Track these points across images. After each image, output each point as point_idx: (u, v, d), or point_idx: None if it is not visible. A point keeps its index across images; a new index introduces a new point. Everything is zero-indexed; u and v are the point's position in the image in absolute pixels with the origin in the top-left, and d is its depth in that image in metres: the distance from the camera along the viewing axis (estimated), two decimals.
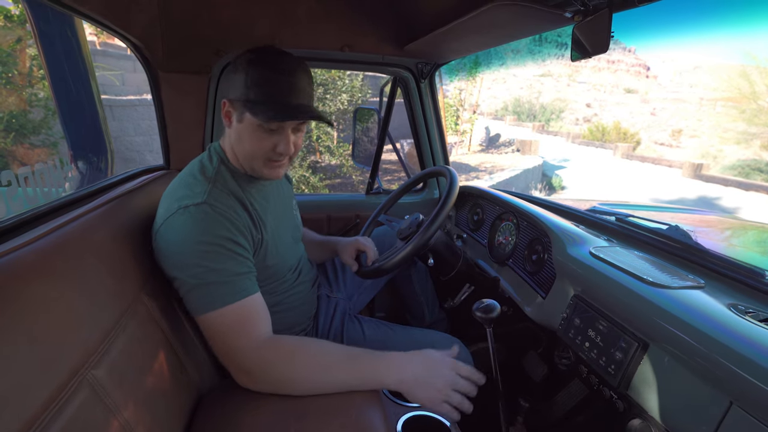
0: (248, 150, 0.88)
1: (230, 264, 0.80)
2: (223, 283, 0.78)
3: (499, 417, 0.97)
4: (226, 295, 0.78)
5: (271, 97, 0.83)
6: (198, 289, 0.78)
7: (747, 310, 0.71)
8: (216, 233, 0.79)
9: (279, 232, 1.00)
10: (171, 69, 1.34)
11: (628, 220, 1.18)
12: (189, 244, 0.78)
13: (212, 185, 0.85)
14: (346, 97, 6.67)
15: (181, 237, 0.78)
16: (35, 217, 0.87)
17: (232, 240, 0.81)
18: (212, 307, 0.77)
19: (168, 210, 0.82)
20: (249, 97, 0.83)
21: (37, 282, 0.55)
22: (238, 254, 0.82)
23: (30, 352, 0.49)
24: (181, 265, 0.78)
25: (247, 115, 0.84)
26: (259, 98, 0.82)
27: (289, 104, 0.84)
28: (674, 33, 30.79)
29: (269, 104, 0.82)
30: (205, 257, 0.78)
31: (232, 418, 0.77)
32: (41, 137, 3.94)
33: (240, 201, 0.88)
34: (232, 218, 0.83)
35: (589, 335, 0.88)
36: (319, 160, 7.02)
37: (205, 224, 0.79)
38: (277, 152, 0.88)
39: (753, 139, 13.13)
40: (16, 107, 3.82)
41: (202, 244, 0.78)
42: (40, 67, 3.75)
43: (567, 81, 39.61)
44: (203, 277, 0.77)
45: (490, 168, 9.67)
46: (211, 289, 0.78)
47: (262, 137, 0.86)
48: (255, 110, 0.82)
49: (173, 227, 0.79)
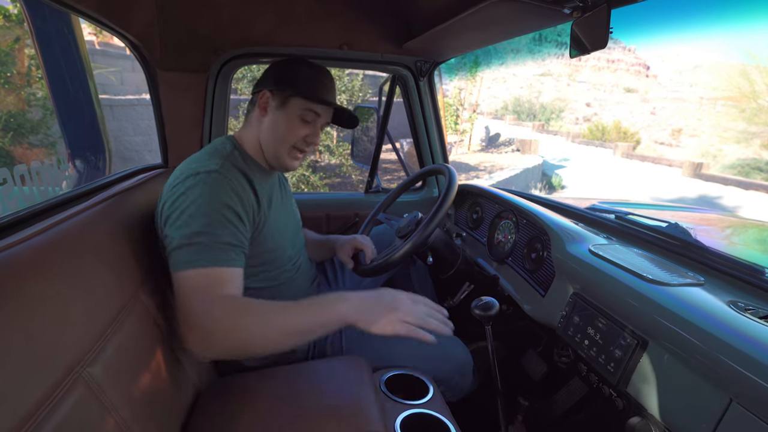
0: (282, 135, 0.98)
1: (224, 232, 0.81)
2: (210, 247, 0.78)
3: (498, 415, 0.96)
4: (209, 257, 0.78)
5: (319, 91, 0.98)
6: (186, 247, 0.78)
7: (746, 308, 0.71)
8: (221, 200, 0.82)
9: (280, 220, 1.03)
10: (169, 67, 1.34)
11: (627, 217, 1.18)
12: (194, 205, 0.80)
13: (225, 160, 0.89)
14: (346, 96, 6.66)
15: (189, 198, 0.81)
16: (32, 215, 0.87)
17: (234, 211, 0.83)
18: (191, 265, 0.77)
19: (178, 177, 0.85)
20: (300, 88, 0.96)
21: (34, 279, 0.55)
22: (235, 226, 0.83)
23: (25, 349, 0.49)
24: (179, 223, 0.79)
25: (293, 102, 0.96)
26: (312, 87, 0.97)
27: (332, 96, 1.01)
28: (674, 30, 30.71)
29: (318, 94, 0.97)
30: (204, 220, 0.79)
31: (229, 416, 0.76)
32: (40, 137, 3.93)
33: (248, 179, 0.91)
34: (239, 191, 0.86)
35: (589, 333, 0.88)
36: (319, 160, 7.02)
37: (214, 189, 0.82)
38: (307, 141, 1.00)
39: (753, 138, 13.13)
40: (15, 107, 3.82)
41: (206, 207, 0.80)
42: (39, 67, 3.75)
43: (567, 80, 39.62)
44: (194, 237, 0.78)
45: (489, 167, 9.67)
46: (198, 248, 0.78)
47: (298, 125, 0.98)
48: (308, 95, 0.96)
49: (182, 189, 0.82)
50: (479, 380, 1.31)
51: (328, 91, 1.00)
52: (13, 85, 3.83)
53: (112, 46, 7.68)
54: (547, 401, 1.12)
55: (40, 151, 3.93)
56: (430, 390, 0.96)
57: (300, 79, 0.97)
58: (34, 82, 3.94)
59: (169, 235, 0.80)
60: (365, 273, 1.17)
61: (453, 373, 1.13)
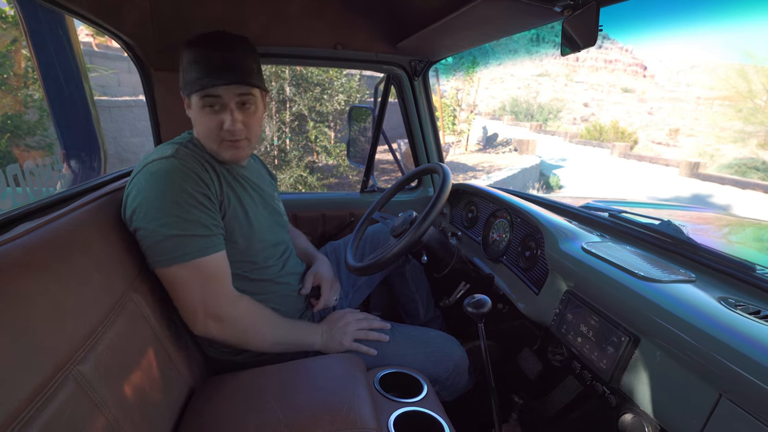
0: (202, 132, 0.93)
1: (201, 216, 0.81)
2: (196, 236, 0.79)
3: (492, 414, 0.96)
4: (200, 247, 0.79)
5: (203, 71, 0.86)
6: (171, 240, 0.78)
7: (737, 304, 0.71)
8: (183, 185, 0.81)
9: (255, 210, 1.01)
10: (163, 67, 1.34)
11: (620, 215, 1.18)
12: (158, 193, 0.79)
13: (181, 147, 0.89)
14: (343, 97, 6.67)
15: (151, 187, 0.80)
16: (25, 214, 0.87)
17: (200, 192, 0.83)
18: (185, 259, 0.78)
19: (137, 169, 0.85)
20: (188, 78, 0.88)
21: (23, 277, 0.55)
22: (206, 207, 0.83)
23: (14, 347, 0.49)
24: (150, 216, 0.79)
25: (192, 98, 0.89)
26: (194, 75, 0.86)
27: (219, 75, 0.86)
28: (670, 27, 30.83)
29: (202, 77, 0.85)
30: (176, 207, 0.79)
31: (222, 414, 0.76)
32: (36, 138, 3.92)
33: (210, 164, 0.91)
34: (199, 174, 0.85)
35: (582, 330, 0.88)
36: (316, 160, 7.02)
37: (173, 175, 0.81)
38: (226, 129, 0.90)
39: (749, 138, 13.17)
40: (11, 109, 3.80)
41: (171, 194, 0.80)
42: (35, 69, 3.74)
43: (564, 81, 39.70)
44: (175, 227, 0.78)
45: (487, 168, 9.68)
46: (184, 240, 0.78)
47: (208, 117, 0.90)
48: (191, 87, 0.87)
49: (141, 181, 0.81)
50: (475, 379, 1.31)
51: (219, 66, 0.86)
52: (10, 87, 3.82)
53: (110, 48, 7.67)
54: (542, 399, 1.12)
55: (37, 153, 3.92)
56: (424, 388, 0.96)
57: (186, 67, 0.89)
58: (31, 83, 3.93)
59: (142, 227, 0.80)
60: (360, 272, 1.17)
61: (448, 372, 1.13)
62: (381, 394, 0.92)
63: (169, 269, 0.81)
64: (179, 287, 0.83)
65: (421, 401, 0.91)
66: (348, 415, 0.74)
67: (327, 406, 0.77)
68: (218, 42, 0.89)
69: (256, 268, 1.01)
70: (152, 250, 0.80)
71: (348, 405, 0.76)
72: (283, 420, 0.73)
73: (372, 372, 1.00)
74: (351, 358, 0.98)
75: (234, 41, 0.90)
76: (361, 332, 1.06)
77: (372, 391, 0.88)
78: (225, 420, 0.75)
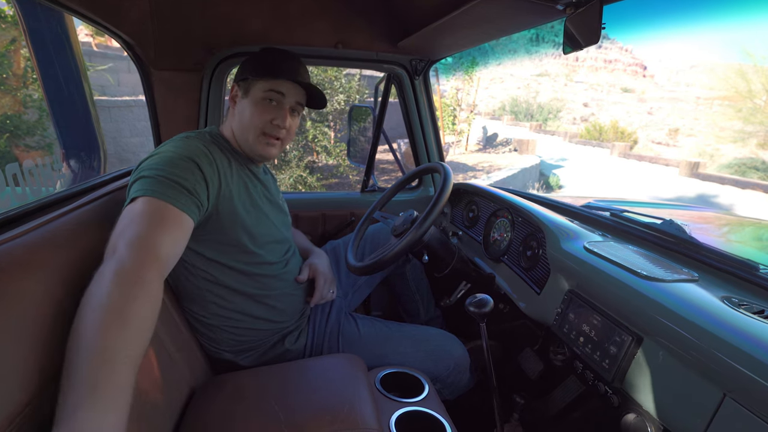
0: (248, 121, 0.98)
1: (183, 175, 0.80)
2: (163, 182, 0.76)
3: (494, 413, 0.96)
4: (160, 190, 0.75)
5: (277, 68, 0.97)
6: (140, 181, 0.77)
7: (740, 303, 0.71)
8: (189, 153, 0.84)
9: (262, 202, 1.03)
10: (163, 67, 1.33)
11: (622, 215, 1.18)
12: (163, 154, 0.82)
13: (202, 133, 0.97)
14: (343, 97, 6.66)
15: (160, 151, 0.84)
16: (25, 214, 0.86)
17: (197, 164, 0.84)
18: (142, 193, 0.74)
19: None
20: (257, 71, 0.97)
21: (24, 276, 0.54)
22: (194, 175, 0.82)
23: (14, 346, 0.48)
24: (145, 166, 0.80)
25: (253, 88, 0.97)
26: (270, 67, 0.97)
27: (295, 74, 0.98)
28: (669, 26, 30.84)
29: (277, 71, 0.97)
30: (168, 161, 0.80)
31: (223, 414, 0.76)
32: (36, 138, 3.92)
33: (225, 155, 0.95)
34: (207, 152, 0.88)
35: (584, 330, 0.87)
36: (316, 160, 7.01)
37: (184, 145, 0.86)
38: (274, 124, 0.98)
39: (749, 138, 13.17)
40: (11, 109, 3.80)
41: (173, 155, 0.82)
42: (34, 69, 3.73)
43: (564, 81, 39.72)
44: (151, 170, 0.78)
45: (487, 167, 9.68)
46: (151, 182, 0.76)
47: (262, 108, 0.97)
48: (261, 74, 0.96)
49: (155, 151, 0.86)
50: (477, 378, 1.31)
51: (290, 69, 0.98)
52: (9, 87, 3.82)
53: (109, 48, 7.66)
54: (543, 399, 1.11)
55: (36, 153, 3.91)
56: (426, 388, 0.95)
57: (260, 63, 0.98)
58: (30, 83, 3.92)
59: (134, 174, 0.81)
60: (360, 272, 1.16)
61: (449, 370, 1.13)
62: (382, 394, 0.92)
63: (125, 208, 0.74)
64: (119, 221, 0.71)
65: (423, 401, 0.91)
66: (349, 415, 0.74)
67: (328, 406, 0.76)
68: (289, 54, 1.01)
69: (259, 262, 1.00)
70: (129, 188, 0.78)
71: (349, 405, 0.76)
72: (284, 420, 0.73)
73: (373, 372, 0.99)
74: (352, 358, 0.97)
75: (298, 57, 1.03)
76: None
77: (373, 391, 0.88)
78: (226, 420, 0.75)
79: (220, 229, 0.91)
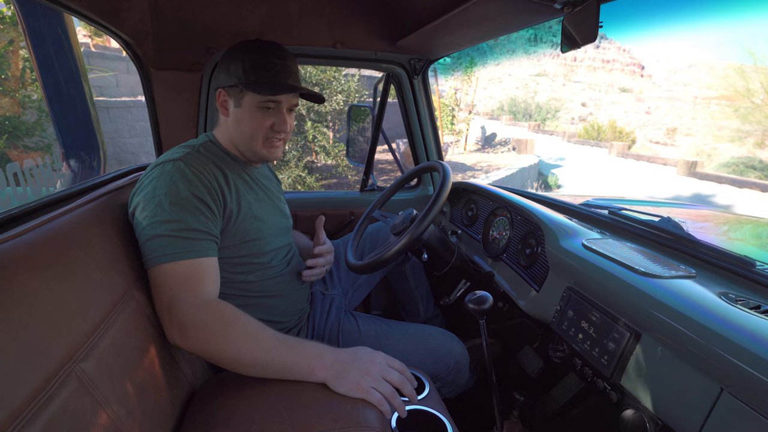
0: (248, 131, 0.96)
1: (191, 220, 0.81)
2: (180, 238, 0.79)
3: (494, 411, 0.96)
4: (180, 249, 0.79)
5: (268, 78, 0.93)
6: (156, 239, 0.78)
7: (737, 299, 0.72)
8: (187, 189, 0.83)
9: (260, 211, 1.02)
10: (163, 67, 1.34)
11: (620, 213, 1.19)
12: (157, 193, 0.81)
13: (193, 150, 0.91)
14: (342, 97, 6.67)
15: (153, 185, 0.82)
16: (25, 213, 0.87)
17: (200, 198, 0.84)
18: (164, 260, 0.77)
19: (148, 168, 0.87)
20: (249, 80, 0.92)
21: (25, 274, 0.54)
22: (204, 214, 0.84)
23: (16, 345, 0.49)
24: (147, 212, 0.80)
25: (247, 97, 0.93)
26: (259, 79, 0.92)
27: (285, 83, 0.94)
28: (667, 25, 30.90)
29: (268, 83, 0.92)
30: (168, 209, 0.80)
31: (224, 413, 0.76)
32: (35, 139, 3.91)
33: (220, 169, 0.93)
34: (204, 179, 0.86)
35: (583, 327, 0.88)
36: (315, 160, 7.02)
37: (175, 178, 0.83)
38: (275, 129, 0.97)
39: (747, 137, 13.22)
40: (9, 110, 3.79)
41: (169, 196, 0.81)
42: (33, 69, 3.73)
43: (562, 80, 39.77)
44: (162, 228, 0.78)
45: (486, 167, 9.69)
46: (168, 241, 0.78)
47: (261, 116, 0.95)
48: (257, 89, 0.91)
49: (150, 178, 0.84)
50: (476, 376, 1.31)
51: (281, 73, 0.93)
52: (8, 88, 3.81)
53: (108, 49, 7.66)
54: (543, 396, 1.12)
55: (36, 154, 3.91)
56: (426, 386, 0.96)
57: (248, 69, 0.91)
58: (29, 84, 3.92)
59: (139, 222, 0.81)
60: (360, 270, 1.17)
61: (449, 369, 1.14)
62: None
63: (151, 270, 0.80)
64: (154, 290, 0.80)
65: (423, 399, 0.91)
66: (351, 414, 0.74)
67: (330, 405, 0.76)
68: (276, 50, 0.95)
69: (261, 268, 1.01)
70: (142, 249, 0.81)
71: (351, 404, 0.76)
72: (287, 418, 0.73)
73: None
74: None
75: (285, 51, 0.97)
76: (386, 387, 0.78)
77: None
78: (228, 418, 0.75)
79: (225, 247, 0.92)
